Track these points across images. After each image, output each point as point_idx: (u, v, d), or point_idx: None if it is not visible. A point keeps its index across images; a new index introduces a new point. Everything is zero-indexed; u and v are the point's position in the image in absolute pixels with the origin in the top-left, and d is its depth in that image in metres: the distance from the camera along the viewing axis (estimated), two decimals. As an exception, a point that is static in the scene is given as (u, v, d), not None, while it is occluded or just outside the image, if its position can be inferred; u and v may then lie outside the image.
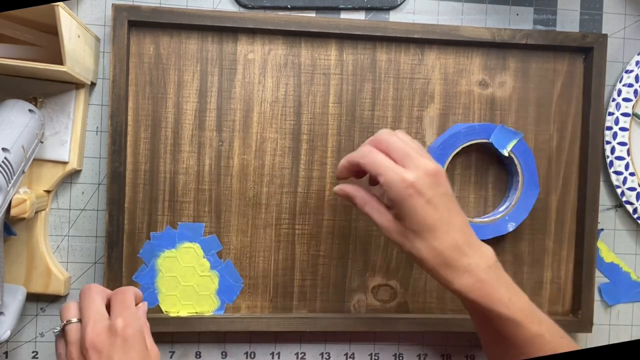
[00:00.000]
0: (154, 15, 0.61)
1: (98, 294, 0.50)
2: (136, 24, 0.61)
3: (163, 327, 0.62)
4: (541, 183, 0.67)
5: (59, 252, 0.63)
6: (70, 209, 0.63)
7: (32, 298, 0.62)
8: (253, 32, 0.63)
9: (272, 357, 0.66)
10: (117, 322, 0.47)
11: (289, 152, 0.64)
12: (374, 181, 0.59)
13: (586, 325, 0.67)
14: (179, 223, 0.63)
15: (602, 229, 0.70)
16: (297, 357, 0.67)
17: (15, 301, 0.58)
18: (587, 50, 0.67)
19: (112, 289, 0.60)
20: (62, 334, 0.50)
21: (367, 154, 0.52)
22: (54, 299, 0.63)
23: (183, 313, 0.63)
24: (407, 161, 0.50)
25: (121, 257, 0.62)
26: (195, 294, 0.63)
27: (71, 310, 0.50)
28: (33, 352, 0.63)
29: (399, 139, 0.52)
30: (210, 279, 0.63)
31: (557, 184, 0.68)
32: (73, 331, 0.49)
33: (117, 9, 0.60)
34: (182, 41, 0.63)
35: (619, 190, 0.68)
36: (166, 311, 0.63)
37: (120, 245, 0.61)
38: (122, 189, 0.61)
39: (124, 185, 0.61)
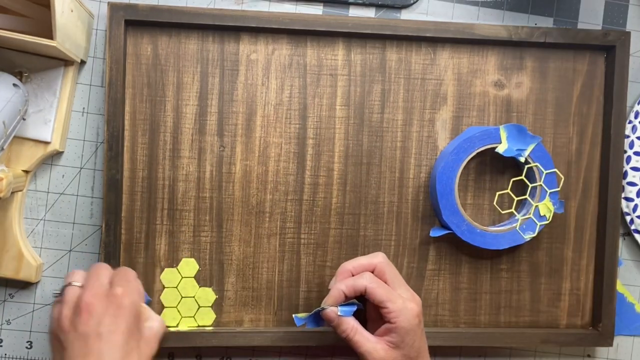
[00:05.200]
0: (151, 14, 0.59)
1: (106, 269, 0.51)
2: (133, 23, 0.59)
3: (163, 343, 0.59)
4: (560, 189, 0.64)
5: (32, 236, 0.61)
6: (48, 192, 0.61)
7: (1, 283, 0.60)
8: (256, 31, 0.61)
9: (277, 372, 0.64)
10: (116, 290, 0.48)
11: (294, 157, 0.62)
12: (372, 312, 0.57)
13: (607, 338, 0.64)
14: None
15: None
16: (303, 372, 0.64)
17: None
18: (609, 49, 0.64)
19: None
20: (61, 297, 0.50)
21: (373, 280, 0.54)
22: (24, 285, 0.61)
23: (183, 327, 0.60)
24: (402, 290, 0.55)
25: (118, 268, 0.59)
26: (195, 306, 0.60)
27: (76, 276, 0.51)
28: (-3, 339, 0.61)
29: (392, 267, 0.56)
30: (212, 290, 0.61)
31: (576, 189, 0.65)
32: (71, 293, 0.49)
33: (113, 7, 0.58)
34: (182, 41, 0.60)
35: (628, 218, 0.65)
36: (167, 326, 0.60)
37: (117, 256, 0.59)
38: (119, 198, 0.59)
39: (120, 194, 0.59)
